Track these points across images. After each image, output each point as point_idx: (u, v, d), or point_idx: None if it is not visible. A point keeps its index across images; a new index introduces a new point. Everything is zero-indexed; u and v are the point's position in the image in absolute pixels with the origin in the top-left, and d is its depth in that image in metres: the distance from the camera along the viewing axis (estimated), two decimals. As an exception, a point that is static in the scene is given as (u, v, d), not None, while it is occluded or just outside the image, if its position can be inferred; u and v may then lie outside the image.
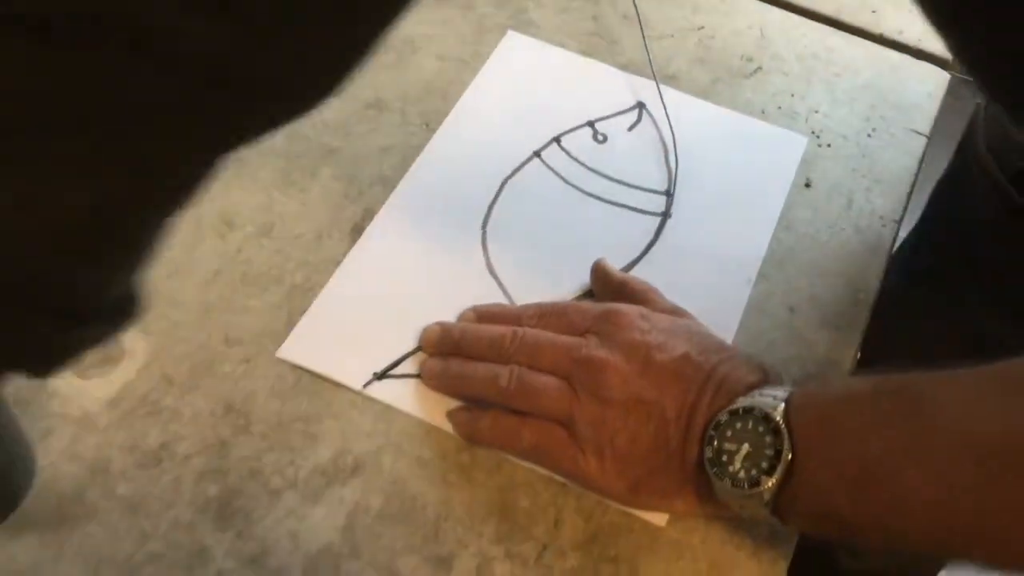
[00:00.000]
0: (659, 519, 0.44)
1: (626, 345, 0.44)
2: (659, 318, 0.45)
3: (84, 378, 0.46)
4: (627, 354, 0.43)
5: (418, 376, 0.47)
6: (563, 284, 0.52)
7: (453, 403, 0.46)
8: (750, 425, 0.40)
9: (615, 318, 0.45)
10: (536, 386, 0.44)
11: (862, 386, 0.39)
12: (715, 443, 0.41)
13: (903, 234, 0.64)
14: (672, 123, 0.59)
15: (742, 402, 0.41)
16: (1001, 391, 0.35)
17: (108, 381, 0.46)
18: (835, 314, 0.52)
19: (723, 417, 0.41)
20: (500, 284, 0.51)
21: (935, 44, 0.66)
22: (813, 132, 0.61)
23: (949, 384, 0.37)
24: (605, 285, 0.50)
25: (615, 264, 0.52)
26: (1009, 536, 0.33)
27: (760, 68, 0.64)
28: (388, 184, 0.55)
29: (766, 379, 0.43)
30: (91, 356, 0.46)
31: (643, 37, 0.63)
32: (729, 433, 0.41)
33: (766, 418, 0.40)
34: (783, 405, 0.40)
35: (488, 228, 0.54)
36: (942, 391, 0.36)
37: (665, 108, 0.60)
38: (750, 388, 0.42)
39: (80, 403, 0.45)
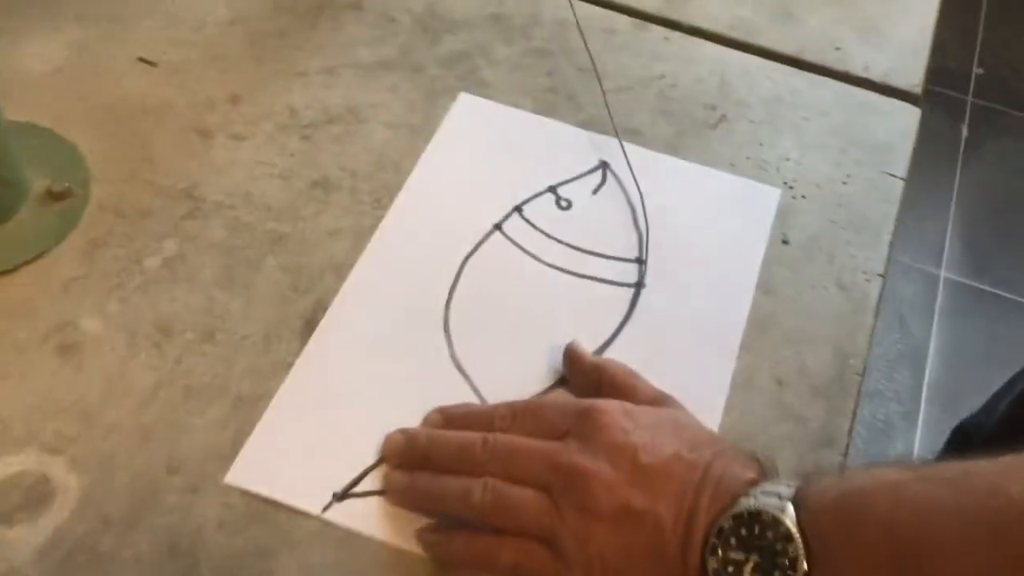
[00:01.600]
0: (658, 637, 0.40)
1: (610, 448, 0.40)
2: (643, 413, 0.42)
3: (9, 524, 0.41)
4: (612, 458, 0.40)
5: (382, 493, 0.43)
6: (535, 371, 0.48)
7: (423, 521, 0.42)
8: (757, 531, 0.37)
9: (595, 417, 0.41)
10: (513, 500, 0.40)
11: (887, 474, 0.36)
12: (720, 552, 0.37)
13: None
14: (638, 182, 0.56)
15: (745, 504, 0.37)
16: None
17: (37, 527, 0.41)
18: (825, 384, 0.49)
19: (726, 523, 0.37)
20: (467, 377, 0.47)
21: (903, 78, 0.64)
22: (786, 183, 0.57)
23: (996, 460, 0.33)
24: (579, 373, 0.47)
25: (589, 343, 0.49)
26: None
27: (725, 117, 0.61)
28: (340, 271, 0.51)
29: (763, 472, 0.40)
30: (17, 498, 0.41)
31: (602, 91, 0.59)
32: (734, 541, 0.37)
33: (775, 522, 0.36)
34: (791, 506, 0.37)
35: (450, 314, 0.50)
36: (990, 464, 0.33)
37: (630, 167, 0.56)
38: (749, 485, 0.39)
39: (5, 554, 0.40)
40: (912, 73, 0.64)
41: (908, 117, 0.62)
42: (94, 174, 0.53)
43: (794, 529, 0.36)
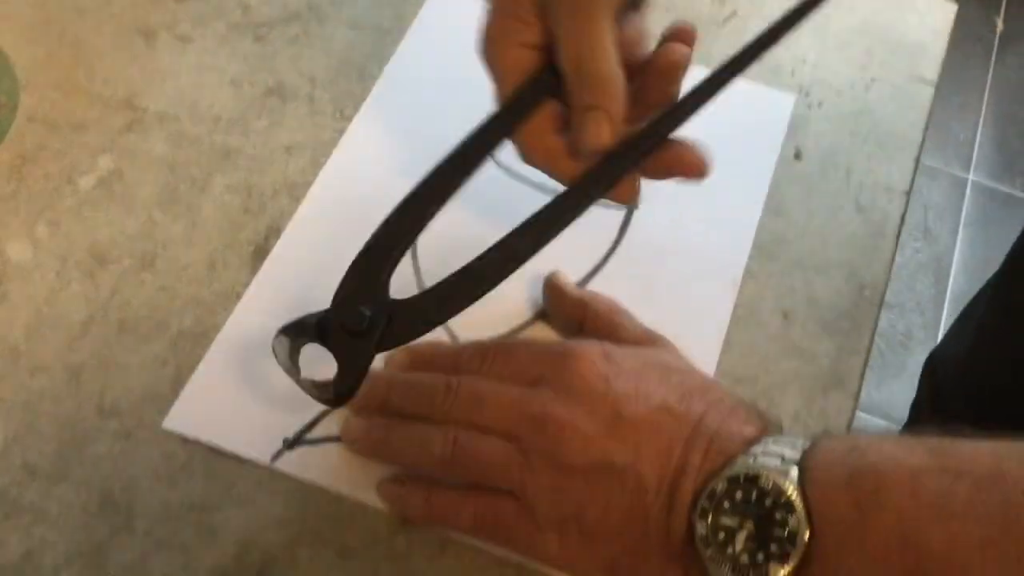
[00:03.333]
0: (639, 602, 0.36)
1: (588, 396, 0.35)
2: (626, 356, 0.37)
3: (-75, 475, 0.37)
4: (589, 408, 0.35)
5: (339, 439, 0.39)
6: (512, 304, 0.43)
7: (385, 470, 0.38)
8: (754, 496, 0.32)
9: (572, 362, 0.36)
10: (477, 453, 0.36)
11: (912, 451, 0.31)
12: (710, 517, 0.33)
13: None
14: (634, 89, 0.49)
15: (742, 466, 0.33)
16: None
17: (-46, 477, 0.37)
18: (837, 317, 0.44)
19: (719, 485, 0.33)
20: (435, 310, 0.43)
21: (939, -32, 0.56)
22: (801, 89, 0.51)
23: None
24: (560, 307, 0.42)
25: (574, 271, 0.44)
26: None
27: (735, 13, 0.54)
28: (296, 192, 0.45)
29: (764, 428, 0.35)
30: (-67, 446, 0.38)
31: (595, -16, 0.52)
32: (727, 505, 0.33)
33: (776, 488, 0.32)
34: (795, 470, 0.32)
35: (419, 240, 0.45)
36: None
37: (625, 71, 0.50)
38: (748, 443, 0.34)
39: (-79, 508, 0.37)
40: (950, -39, 0.57)
41: (942, 13, 0.55)
42: (23, 82, 0.48)
43: (797, 498, 0.31)
